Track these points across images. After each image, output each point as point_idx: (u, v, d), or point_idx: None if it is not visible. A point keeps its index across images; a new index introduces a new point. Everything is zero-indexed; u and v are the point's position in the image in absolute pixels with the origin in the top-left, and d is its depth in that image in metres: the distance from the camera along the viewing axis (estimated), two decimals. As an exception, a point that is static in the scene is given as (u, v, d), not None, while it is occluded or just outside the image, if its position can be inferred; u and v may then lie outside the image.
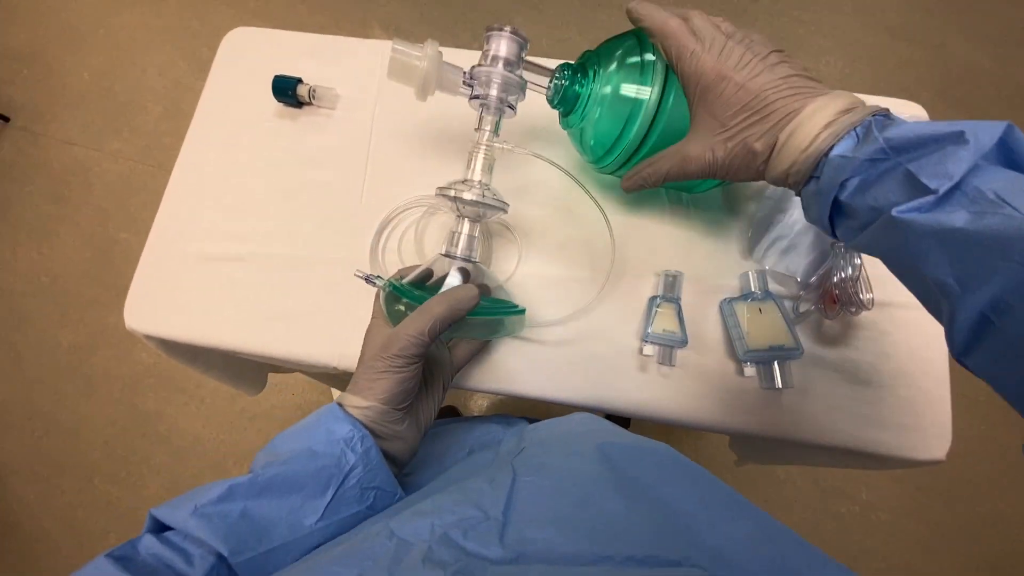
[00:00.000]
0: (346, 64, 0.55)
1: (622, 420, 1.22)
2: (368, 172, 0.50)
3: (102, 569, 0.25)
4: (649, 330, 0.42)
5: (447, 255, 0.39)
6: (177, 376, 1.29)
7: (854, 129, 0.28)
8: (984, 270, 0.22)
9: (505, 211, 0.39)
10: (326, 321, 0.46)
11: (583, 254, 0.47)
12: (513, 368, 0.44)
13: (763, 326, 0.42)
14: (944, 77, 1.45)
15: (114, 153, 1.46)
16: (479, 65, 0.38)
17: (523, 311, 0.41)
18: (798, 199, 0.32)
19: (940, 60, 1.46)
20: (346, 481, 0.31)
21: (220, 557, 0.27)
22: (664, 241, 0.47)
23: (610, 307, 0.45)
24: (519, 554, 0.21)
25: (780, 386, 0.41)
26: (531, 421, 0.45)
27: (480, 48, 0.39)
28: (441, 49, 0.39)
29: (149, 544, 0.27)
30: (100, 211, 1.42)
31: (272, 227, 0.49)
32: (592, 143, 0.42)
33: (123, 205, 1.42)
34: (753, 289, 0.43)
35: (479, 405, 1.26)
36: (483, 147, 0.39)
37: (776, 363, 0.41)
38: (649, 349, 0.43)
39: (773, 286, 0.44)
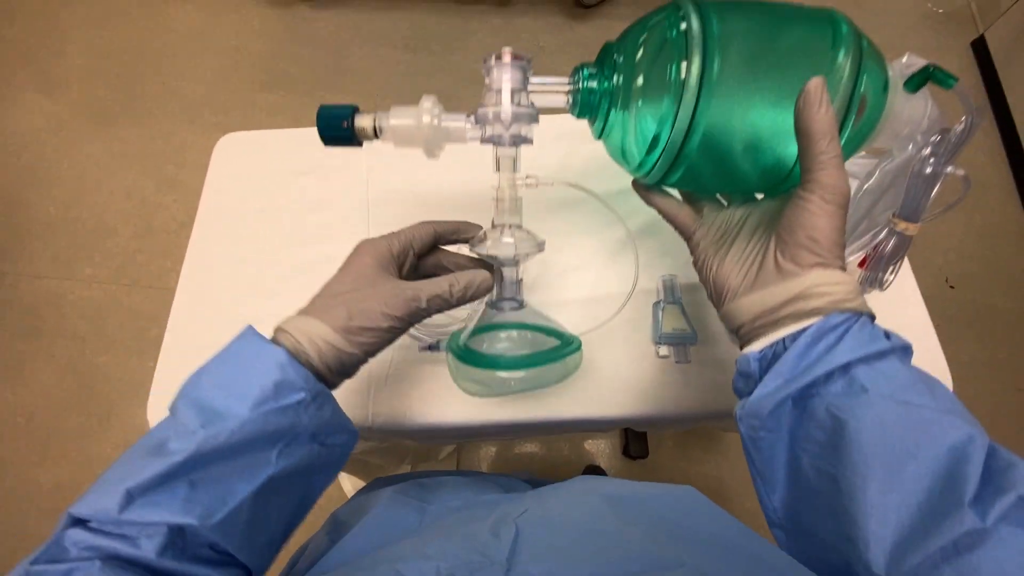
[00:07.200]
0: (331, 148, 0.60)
1: (639, 441, 1.21)
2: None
3: None
4: (661, 331, 0.46)
5: (493, 306, 0.37)
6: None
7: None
8: None
9: (542, 251, 0.36)
10: (357, 383, 0.48)
11: (596, 270, 0.50)
12: (541, 395, 0.46)
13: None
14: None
15: (87, 279, 1.45)
16: (482, 105, 0.34)
17: (579, 346, 0.37)
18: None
19: None
20: (298, 437, 0.30)
21: (172, 528, 0.24)
22: (655, 248, 0.52)
23: (619, 321, 0.48)
24: None
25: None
26: (533, 485, 0.44)
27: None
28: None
29: (77, 538, 0.23)
30: (76, 339, 1.38)
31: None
32: (630, 146, 0.35)
33: (100, 329, 1.39)
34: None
35: (488, 453, 1.23)
36: (506, 189, 0.36)
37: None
38: (665, 350, 0.46)
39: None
